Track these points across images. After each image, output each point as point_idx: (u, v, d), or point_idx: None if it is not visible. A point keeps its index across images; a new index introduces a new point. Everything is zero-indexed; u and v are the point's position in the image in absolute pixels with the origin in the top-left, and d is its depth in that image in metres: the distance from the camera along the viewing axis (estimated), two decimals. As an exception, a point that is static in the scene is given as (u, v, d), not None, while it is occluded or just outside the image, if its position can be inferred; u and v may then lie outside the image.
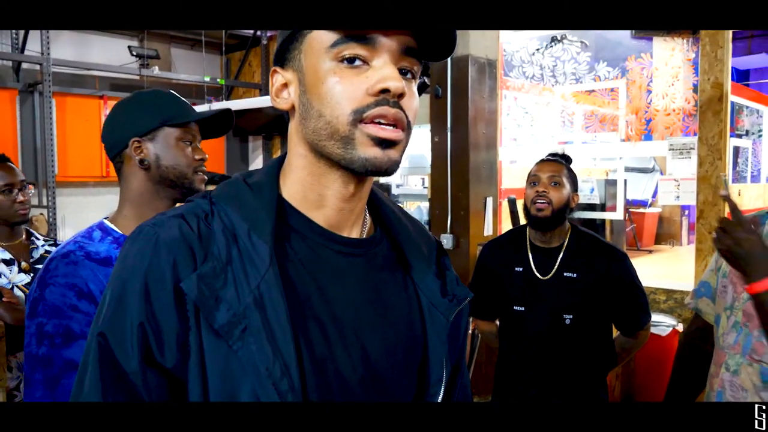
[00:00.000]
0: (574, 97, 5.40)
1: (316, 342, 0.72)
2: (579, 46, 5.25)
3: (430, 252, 0.88)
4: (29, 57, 5.73)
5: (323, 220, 0.78)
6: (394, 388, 0.78)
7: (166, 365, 0.68)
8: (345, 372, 0.73)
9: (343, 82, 0.71)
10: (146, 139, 1.36)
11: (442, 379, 0.81)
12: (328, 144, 0.72)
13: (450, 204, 4.08)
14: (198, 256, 0.70)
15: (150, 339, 0.68)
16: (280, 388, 0.67)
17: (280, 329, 0.68)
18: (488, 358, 3.76)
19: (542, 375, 2.08)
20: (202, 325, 0.68)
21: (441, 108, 4.11)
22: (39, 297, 1.21)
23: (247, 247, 0.71)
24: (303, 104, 0.75)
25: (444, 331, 0.83)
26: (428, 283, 0.84)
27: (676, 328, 3.35)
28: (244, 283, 0.69)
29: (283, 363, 0.67)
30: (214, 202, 0.75)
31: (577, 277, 2.06)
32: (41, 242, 2.36)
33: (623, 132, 5.09)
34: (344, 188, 0.76)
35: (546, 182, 2.09)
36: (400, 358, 0.79)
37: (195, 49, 7.55)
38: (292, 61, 0.76)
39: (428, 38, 0.73)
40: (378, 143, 0.71)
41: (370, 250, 0.81)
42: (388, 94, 0.70)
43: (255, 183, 0.77)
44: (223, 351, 0.68)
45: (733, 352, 1.53)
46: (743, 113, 6.73)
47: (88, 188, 6.46)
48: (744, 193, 4.72)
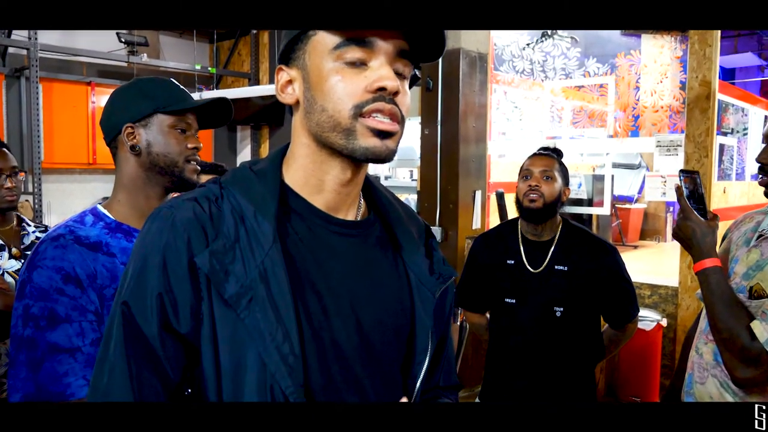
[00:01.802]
0: (563, 93, 5.42)
1: (314, 311, 0.81)
2: (569, 41, 5.27)
3: (419, 234, 0.98)
4: (16, 41, 5.66)
5: (322, 203, 0.86)
6: (384, 356, 0.87)
7: (181, 331, 0.77)
8: (340, 339, 0.82)
9: (344, 81, 0.79)
10: (139, 126, 1.36)
11: (427, 349, 0.90)
12: (331, 135, 0.81)
13: (439, 197, 4.09)
14: (210, 235, 0.79)
15: (167, 307, 0.77)
16: (282, 351, 0.75)
17: (282, 299, 0.77)
18: (475, 350, 3.78)
19: (532, 367, 2.10)
20: (213, 296, 0.77)
21: (431, 101, 4.12)
22: (27, 279, 1.22)
23: (253, 227, 0.79)
24: (307, 99, 0.83)
25: (431, 306, 0.92)
26: (417, 262, 0.93)
27: (660, 323, 3.40)
28: (251, 259, 0.78)
29: (284, 329, 0.76)
30: (223, 187, 0.84)
31: (568, 270, 2.09)
32: (32, 228, 2.35)
33: (611, 128, 5.13)
34: (342, 174, 0.85)
35: (538, 176, 2.11)
36: (390, 329, 0.88)
37: (184, 37, 7.48)
38: (296, 60, 0.84)
39: (420, 41, 0.82)
40: (377, 134, 0.80)
41: (364, 231, 0.90)
42: (384, 91, 0.79)
43: (260, 170, 0.86)
44: (232, 319, 0.76)
45: (702, 335, 1.60)
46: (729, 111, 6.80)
47: (74, 175, 6.41)
48: (729, 191, 4.77)
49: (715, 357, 1.51)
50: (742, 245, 1.56)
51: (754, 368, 1.38)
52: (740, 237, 1.59)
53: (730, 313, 1.41)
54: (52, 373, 1.17)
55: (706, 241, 1.50)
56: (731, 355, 1.42)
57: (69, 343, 1.18)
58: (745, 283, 1.46)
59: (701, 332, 1.60)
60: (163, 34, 7.29)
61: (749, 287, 1.44)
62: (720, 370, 1.49)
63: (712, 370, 1.52)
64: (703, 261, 1.48)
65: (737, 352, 1.40)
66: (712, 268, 1.47)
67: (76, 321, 1.19)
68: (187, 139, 1.39)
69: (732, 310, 1.42)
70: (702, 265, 1.48)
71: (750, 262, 1.48)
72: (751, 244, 1.52)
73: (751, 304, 1.42)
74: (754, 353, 1.37)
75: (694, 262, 1.52)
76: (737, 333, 1.39)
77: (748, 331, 1.38)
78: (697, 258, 1.50)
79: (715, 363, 1.52)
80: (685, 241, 1.54)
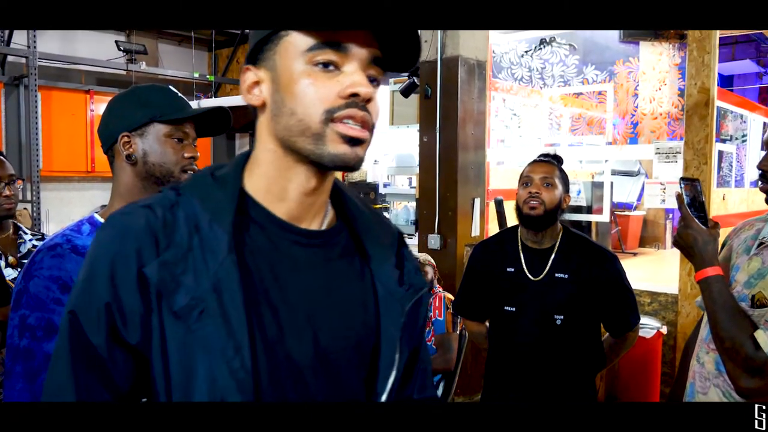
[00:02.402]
0: (561, 100, 5.43)
1: (268, 326, 0.78)
2: (567, 49, 5.28)
3: (392, 243, 0.94)
4: (15, 50, 5.67)
5: (285, 212, 0.83)
6: (342, 371, 0.84)
7: (130, 342, 0.75)
8: (294, 354, 0.79)
9: (316, 84, 0.77)
10: (135, 135, 1.35)
11: (393, 363, 0.86)
12: (299, 140, 0.79)
13: (438, 204, 4.09)
14: (161, 244, 0.76)
15: (116, 318, 0.74)
16: (232, 366, 0.73)
17: (235, 312, 0.74)
18: (474, 358, 3.77)
19: (532, 375, 2.09)
20: (163, 307, 0.74)
21: (430, 108, 4.12)
22: (23, 289, 1.21)
23: (208, 236, 0.77)
24: (275, 102, 0.80)
25: (399, 318, 0.88)
26: (386, 273, 0.90)
27: (660, 331, 3.38)
28: (203, 270, 0.75)
29: (236, 343, 0.73)
30: (180, 194, 0.81)
31: (569, 278, 2.07)
32: (29, 236, 2.34)
33: (610, 135, 5.13)
34: (307, 182, 0.82)
35: (539, 183, 2.10)
36: (352, 343, 0.85)
37: (183, 45, 7.50)
38: (266, 60, 0.81)
39: (393, 49, 0.81)
40: (347, 141, 0.77)
41: (328, 241, 0.87)
42: (357, 98, 0.77)
43: (220, 176, 0.83)
44: (182, 331, 0.74)
45: (703, 344, 1.58)
46: (728, 118, 6.81)
47: (72, 183, 6.40)
48: (728, 198, 4.77)
49: (717, 366, 1.50)
50: (743, 253, 1.55)
51: (758, 378, 1.37)
52: (740, 245, 1.58)
53: (732, 323, 1.40)
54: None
55: (708, 250, 1.48)
56: (735, 365, 1.40)
57: None
58: (746, 291, 1.45)
59: (702, 341, 1.58)
60: (161, 42, 7.31)
61: (751, 296, 1.43)
62: (722, 379, 1.48)
63: (714, 380, 1.51)
64: (705, 270, 1.47)
65: (741, 362, 1.38)
66: (714, 277, 1.45)
67: None
68: (183, 149, 1.37)
69: (735, 319, 1.40)
70: (704, 273, 1.47)
71: (751, 270, 1.47)
72: (751, 252, 1.51)
73: (753, 313, 1.41)
74: (758, 363, 1.35)
75: (696, 270, 1.50)
76: (741, 342, 1.37)
77: (752, 341, 1.36)
78: (699, 267, 1.49)
79: (717, 372, 1.50)
80: (686, 249, 1.52)
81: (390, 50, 0.81)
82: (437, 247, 4.06)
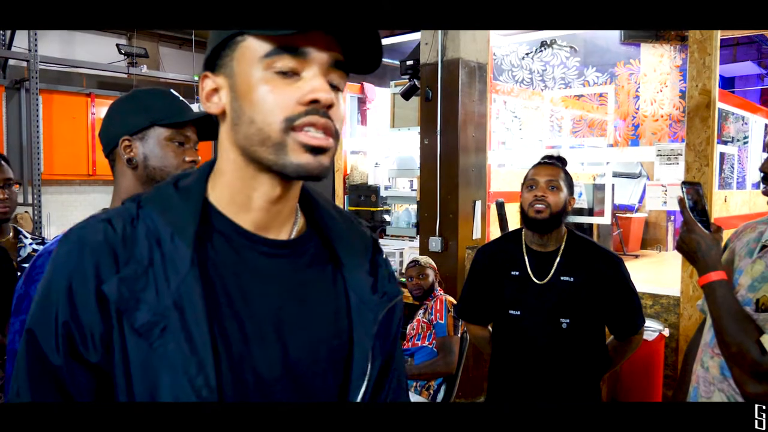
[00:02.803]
0: (563, 102, 5.42)
1: (234, 340, 0.76)
2: (568, 51, 5.28)
3: (365, 249, 0.91)
4: (16, 53, 5.67)
5: (250, 222, 0.80)
6: (313, 383, 0.81)
7: (91, 360, 0.73)
8: (261, 369, 0.77)
9: (275, 91, 0.74)
10: (136, 138, 1.35)
11: (365, 373, 0.84)
12: (259, 149, 0.75)
13: (439, 207, 4.08)
14: (121, 259, 0.74)
15: (75, 336, 0.72)
16: (195, 384, 0.71)
17: (198, 328, 0.72)
18: (476, 361, 3.76)
19: (538, 379, 2.08)
20: (124, 325, 0.72)
21: (431, 111, 4.12)
22: (24, 293, 1.20)
23: (169, 251, 0.74)
24: (234, 110, 0.77)
25: (372, 327, 0.86)
26: (359, 280, 0.87)
27: (662, 333, 3.37)
28: (165, 285, 0.73)
29: (199, 360, 0.71)
30: (141, 206, 0.78)
31: (574, 281, 2.06)
32: (29, 240, 2.34)
33: (611, 137, 5.12)
34: (271, 191, 0.79)
35: (544, 186, 2.08)
36: (323, 354, 0.82)
37: (184, 48, 7.51)
38: (223, 67, 0.78)
39: (355, 52, 0.78)
40: (309, 150, 0.74)
41: (297, 250, 0.84)
42: (318, 104, 0.74)
43: (184, 187, 0.80)
44: (144, 348, 0.72)
45: (707, 349, 1.57)
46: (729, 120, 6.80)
47: (73, 186, 6.41)
48: (730, 200, 4.76)
49: (722, 371, 1.49)
50: (745, 256, 1.54)
51: (765, 383, 1.35)
52: (743, 247, 1.57)
53: (738, 327, 1.39)
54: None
55: (711, 254, 1.48)
56: (741, 371, 1.39)
57: None
58: (750, 295, 1.44)
59: (706, 345, 1.57)
60: (162, 45, 7.32)
61: (755, 299, 1.42)
62: (727, 384, 1.47)
63: (719, 385, 1.50)
64: (709, 274, 1.46)
65: (747, 367, 1.37)
66: (718, 282, 1.45)
67: None
68: (184, 152, 1.37)
69: (740, 324, 1.39)
70: (708, 278, 1.46)
71: (755, 274, 1.46)
72: (754, 255, 1.50)
73: (758, 317, 1.40)
74: (765, 368, 1.34)
75: (699, 275, 1.49)
76: (747, 347, 1.36)
77: (758, 346, 1.35)
78: (703, 271, 1.48)
79: (722, 377, 1.49)
80: (689, 254, 1.52)
81: (352, 52, 0.78)
82: (438, 250, 4.06)
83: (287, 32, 0.72)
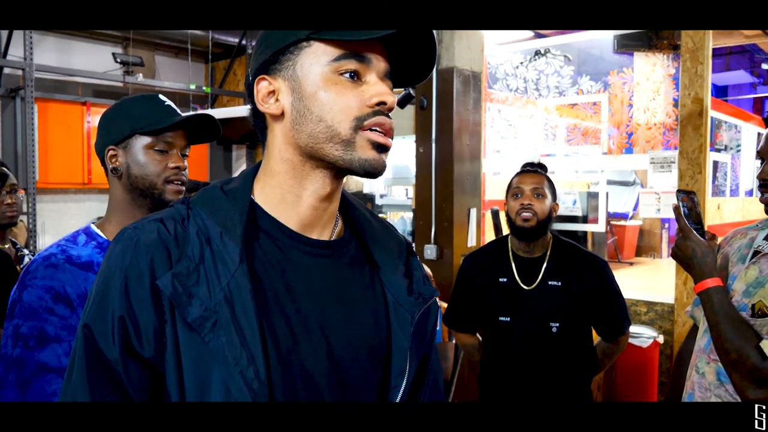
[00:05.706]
0: (557, 110, 5.45)
1: (281, 335, 0.79)
2: (562, 59, 5.31)
3: (400, 253, 0.95)
4: (11, 62, 5.67)
5: (296, 222, 0.85)
6: (356, 380, 0.84)
7: (144, 355, 0.75)
8: (308, 363, 0.80)
9: (344, 93, 0.80)
10: (120, 148, 1.35)
11: (405, 372, 0.87)
12: (326, 146, 0.80)
13: (434, 215, 4.09)
14: (174, 256, 0.77)
15: (130, 331, 0.75)
16: (246, 376, 0.73)
17: (248, 323, 0.75)
18: (471, 369, 3.76)
19: (529, 384, 2.10)
20: (177, 319, 0.75)
21: (426, 119, 4.13)
22: (17, 298, 1.21)
23: (219, 248, 0.78)
24: (298, 110, 0.82)
25: (409, 327, 0.89)
26: (395, 282, 0.91)
27: (656, 340, 3.38)
28: (216, 281, 0.76)
29: (249, 353, 0.74)
30: (191, 207, 0.82)
31: (562, 285, 2.09)
32: (26, 252, 2.36)
33: (605, 145, 5.15)
34: (322, 189, 0.84)
35: (530, 194, 2.12)
36: (364, 352, 0.86)
37: (179, 57, 7.52)
38: (283, 70, 0.83)
39: (403, 65, 0.85)
40: (376, 147, 0.80)
41: (338, 251, 0.88)
42: (383, 106, 0.81)
43: (230, 189, 0.85)
44: (196, 342, 0.75)
45: (703, 355, 1.57)
46: (722, 128, 6.84)
47: (69, 195, 6.39)
48: (723, 207, 4.79)
49: (719, 377, 1.49)
50: (738, 262, 1.55)
51: (766, 389, 1.35)
52: (734, 253, 1.58)
53: (736, 333, 1.39)
54: (41, 392, 1.15)
55: (707, 261, 1.49)
56: (741, 377, 1.39)
57: (58, 363, 1.17)
58: (746, 300, 1.45)
59: (701, 351, 1.57)
60: (158, 54, 7.33)
61: (751, 305, 1.43)
62: (724, 390, 1.47)
63: (716, 390, 1.50)
64: (705, 281, 1.47)
65: (747, 373, 1.37)
66: (715, 288, 1.45)
67: (66, 340, 1.18)
68: (167, 159, 1.36)
69: (739, 330, 1.39)
70: (704, 285, 1.47)
71: (749, 279, 1.47)
72: (747, 261, 1.51)
73: (755, 323, 1.41)
74: (765, 373, 1.34)
75: (695, 282, 1.50)
76: (746, 353, 1.36)
77: (758, 351, 1.35)
78: (699, 278, 1.49)
79: (718, 383, 1.49)
80: (685, 261, 1.53)
81: (399, 65, 0.84)
82: (434, 258, 4.06)
83: (379, 34, 0.77)
